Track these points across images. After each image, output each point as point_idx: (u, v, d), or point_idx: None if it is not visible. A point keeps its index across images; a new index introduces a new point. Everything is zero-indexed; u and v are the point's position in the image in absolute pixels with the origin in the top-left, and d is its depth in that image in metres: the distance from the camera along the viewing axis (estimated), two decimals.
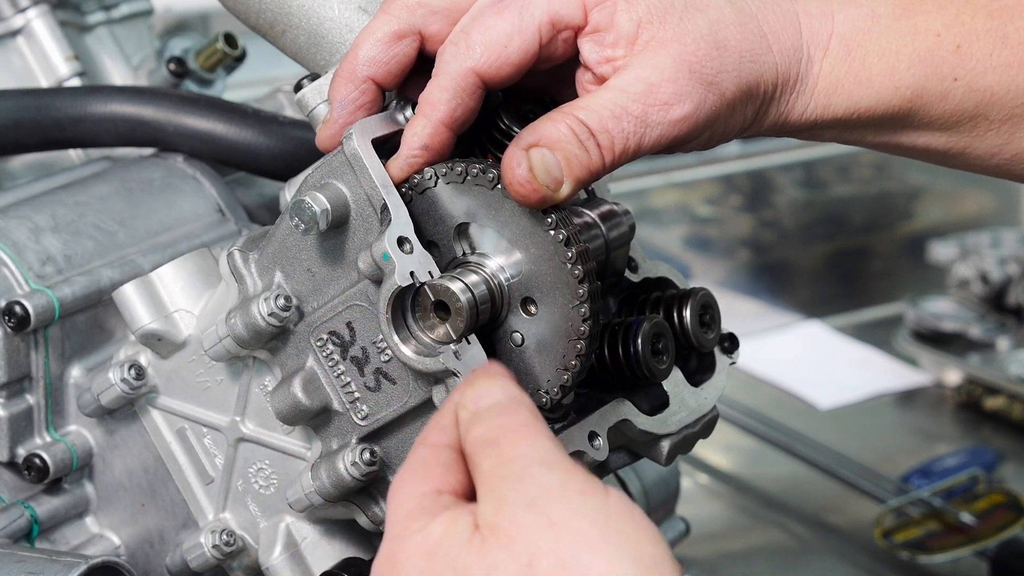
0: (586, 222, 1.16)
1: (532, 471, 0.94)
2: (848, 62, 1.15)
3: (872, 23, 1.15)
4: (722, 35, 1.11)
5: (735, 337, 1.25)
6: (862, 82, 1.15)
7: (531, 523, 0.92)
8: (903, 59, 1.15)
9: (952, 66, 1.16)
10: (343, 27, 1.20)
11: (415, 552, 0.95)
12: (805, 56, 1.14)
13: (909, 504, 2.25)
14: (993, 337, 2.76)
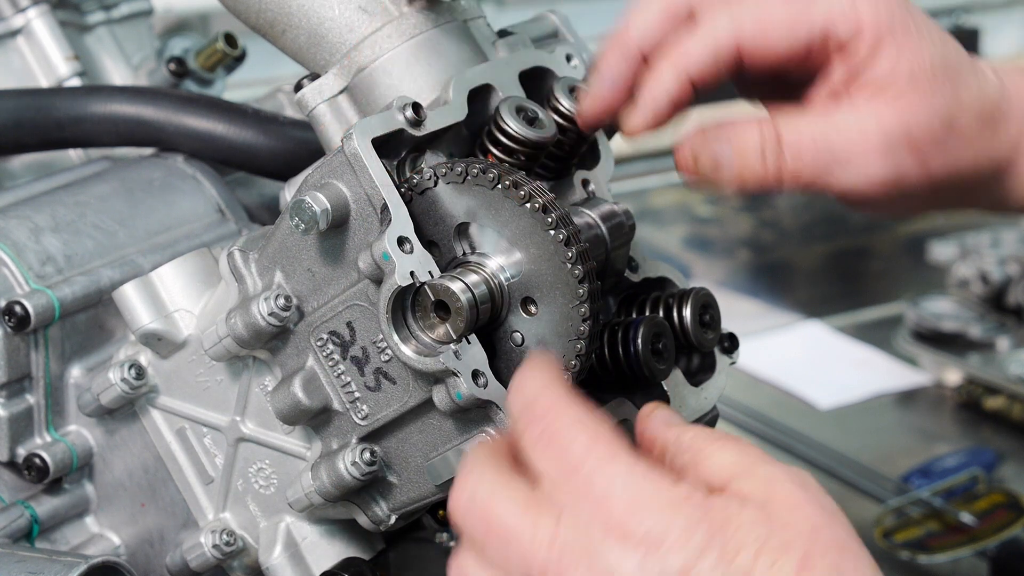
0: (586, 222, 1.16)
1: (784, 464, 0.97)
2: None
3: None
4: (956, 116, 1.11)
5: (735, 337, 1.25)
6: None
7: (809, 499, 0.93)
8: None
9: None
10: (343, 27, 1.20)
11: (682, 503, 0.92)
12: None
13: (909, 504, 2.25)
14: (993, 337, 2.76)
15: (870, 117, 1.09)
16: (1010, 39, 3.90)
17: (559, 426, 0.96)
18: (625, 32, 1.11)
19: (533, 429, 0.97)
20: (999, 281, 2.81)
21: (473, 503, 0.96)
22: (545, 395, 0.98)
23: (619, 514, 0.92)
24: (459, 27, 1.21)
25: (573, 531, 0.93)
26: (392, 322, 1.11)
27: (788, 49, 1.09)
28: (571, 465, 0.95)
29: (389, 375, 1.15)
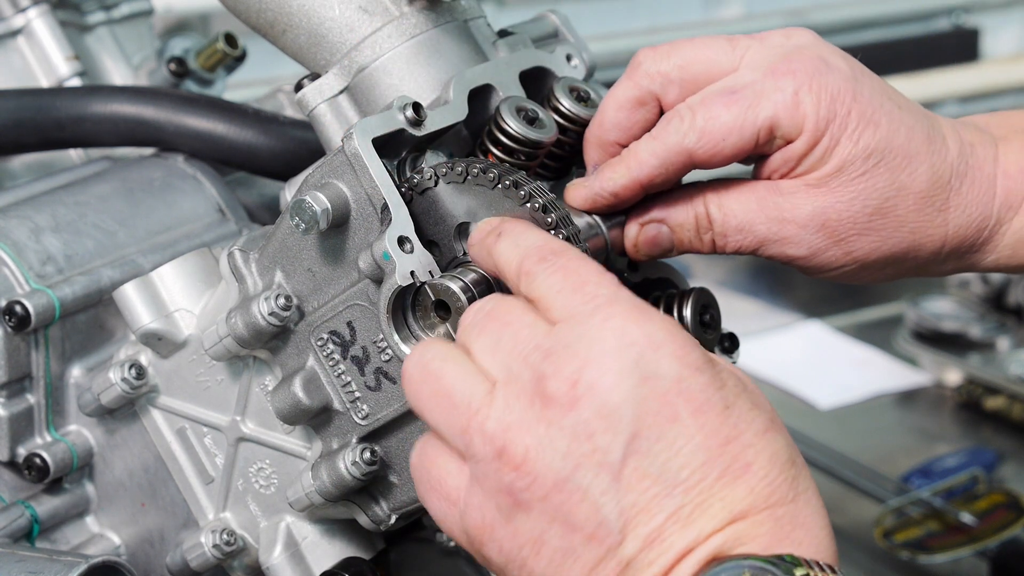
0: (587, 222, 1.17)
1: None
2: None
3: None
4: (891, 201, 1.16)
5: (735, 337, 1.25)
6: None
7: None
8: None
9: None
10: (343, 27, 1.20)
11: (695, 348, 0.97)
12: (993, 221, 1.20)
13: (909, 504, 2.25)
14: (993, 337, 2.76)
15: (789, 202, 1.16)
16: (1010, 39, 3.90)
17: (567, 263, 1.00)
18: (599, 126, 1.19)
19: (546, 267, 1.00)
20: (999, 281, 2.82)
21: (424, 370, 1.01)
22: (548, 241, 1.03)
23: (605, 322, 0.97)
24: (459, 27, 1.22)
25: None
26: (392, 322, 1.11)
27: (736, 150, 1.16)
28: (589, 292, 0.99)
29: (389, 375, 1.15)
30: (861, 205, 1.16)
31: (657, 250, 1.19)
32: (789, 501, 0.97)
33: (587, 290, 0.97)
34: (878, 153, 1.15)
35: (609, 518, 0.93)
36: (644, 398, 0.94)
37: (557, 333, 0.96)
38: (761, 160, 1.18)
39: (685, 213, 1.18)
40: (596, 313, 0.96)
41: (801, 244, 1.17)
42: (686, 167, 1.17)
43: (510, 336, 0.97)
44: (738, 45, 1.17)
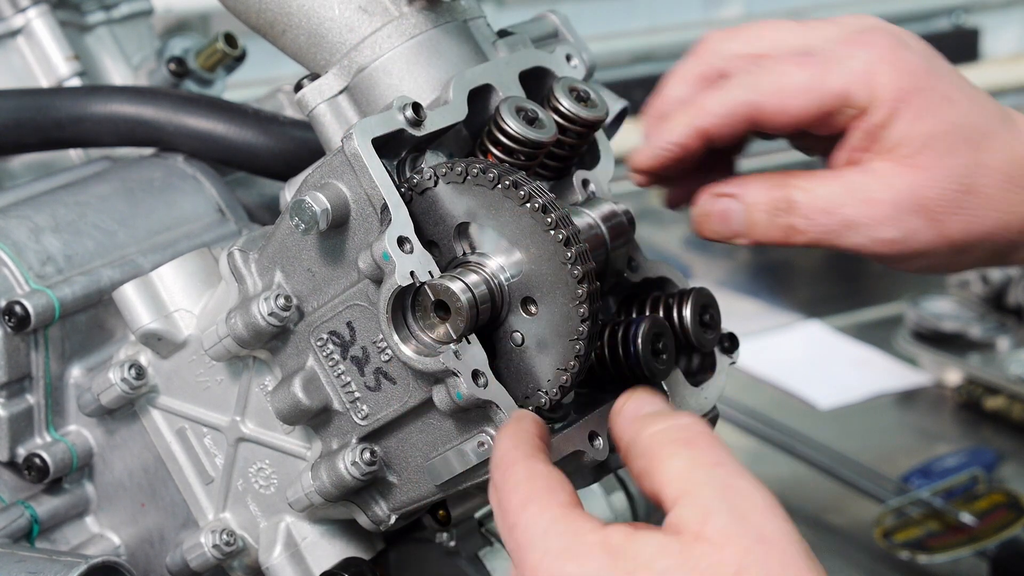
0: (586, 222, 1.16)
1: (739, 483, 0.94)
2: None
3: None
4: (977, 179, 1.12)
5: (735, 337, 1.25)
6: None
7: (742, 536, 0.91)
8: None
9: None
10: (343, 27, 1.20)
11: (594, 550, 0.93)
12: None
13: (909, 504, 2.25)
14: (993, 337, 2.76)
15: (881, 182, 1.11)
16: (1010, 39, 3.90)
17: (507, 484, 0.99)
18: (661, 98, 1.15)
19: (492, 484, 1.00)
20: (999, 281, 2.82)
21: None
22: (508, 450, 1.01)
23: (529, 570, 0.94)
24: (459, 27, 1.21)
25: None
26: (392, 322, 1.11)
27: (804, 112, 1.11)
28: (508, 523, 0.97)
29: (389, 375, 1.15)
30: (953, 183, 1.11)
31: (726, 228, 1.13)
32: None
33: None
34: (961, 128, 1.11)
35: None
36: None
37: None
38: (835, 142, 1.13)
39: (763, 192, 1.13)
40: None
41: (896, 225, 1.11)
42: (751, 122, 1.12)
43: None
44: (809, 25, 1.13)
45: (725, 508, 0.92)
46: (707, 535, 0.91)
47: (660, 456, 0.96)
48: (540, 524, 0.95)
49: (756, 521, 0.92)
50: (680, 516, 0.93)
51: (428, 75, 1.19)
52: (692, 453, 0.96)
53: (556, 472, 0.99)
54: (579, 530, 0.94)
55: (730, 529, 0.91)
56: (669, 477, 0.95)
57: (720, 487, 0.94)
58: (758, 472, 0.97)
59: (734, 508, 0.92)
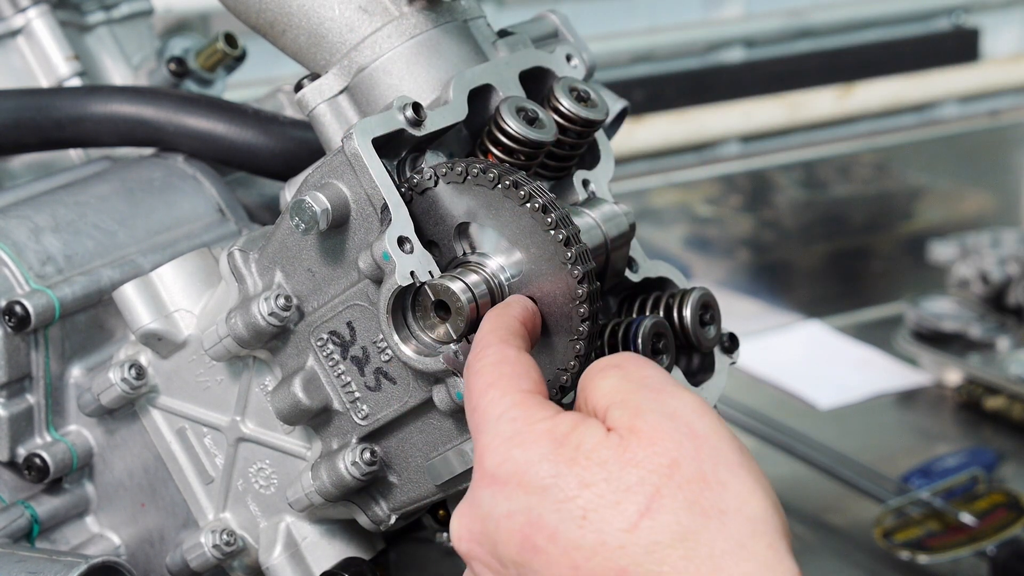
0: (586, 222, 1.16)
1: (668, 387, 0.98)
2: None
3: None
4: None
5: (735, 337, 1.25)
6: None
7: (673, 431, 0.95)
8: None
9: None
10: (343, 27, 1.20)
11: (541, 437, 0.96)
12: None
13: (909, 504, 2.25)
14: (993, 337, 2.76)
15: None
16: (1010, 39, 3.90)
17: (475, 366, 1.02)
18: None
19: (466, 364, 1.04)
20: (999, 281, 2.81)
21: None
22: (485, 333, 1.05)
23: (480, 451, 0.98)
24: (459, 27, 1.21)
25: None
26: (392, 322, 1.11)
27: None
28: (471, 405, 1.02)
29: (389, 375, 1.15)
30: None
31: None
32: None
33: None
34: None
35: None
36: (504, 540, 0.96)
37: None
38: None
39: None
40: None
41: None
42: None
43: None
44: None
45: (655, 408, 0.96)
46: (639, 430, 0.95)
47: (592, 380, 1.01)
48: (497, 408, 0.99)
49: (687, 419, 0.96)
50: (612, 418, 0.97)
51: (428, 75, 1.19)
52: (621, 372, 1.00)
53: (526, 358, 1.03)
54: (531, 417, 0.98)
55: (662, 425, 0.95)
56: (601, 393, 0.99)
57: (649, 392, 0.98)
58: None
59: (664, 408, 0.96)
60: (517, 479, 0.96)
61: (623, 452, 0.94)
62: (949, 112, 3.76)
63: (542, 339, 1.10)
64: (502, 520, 0.96)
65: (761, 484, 0.95)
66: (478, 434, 1.00)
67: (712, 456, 0.94)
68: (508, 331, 1.05)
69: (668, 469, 0.93)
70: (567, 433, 0.96)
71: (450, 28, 1.21)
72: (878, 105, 3.59)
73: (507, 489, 0.96)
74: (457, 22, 1.21)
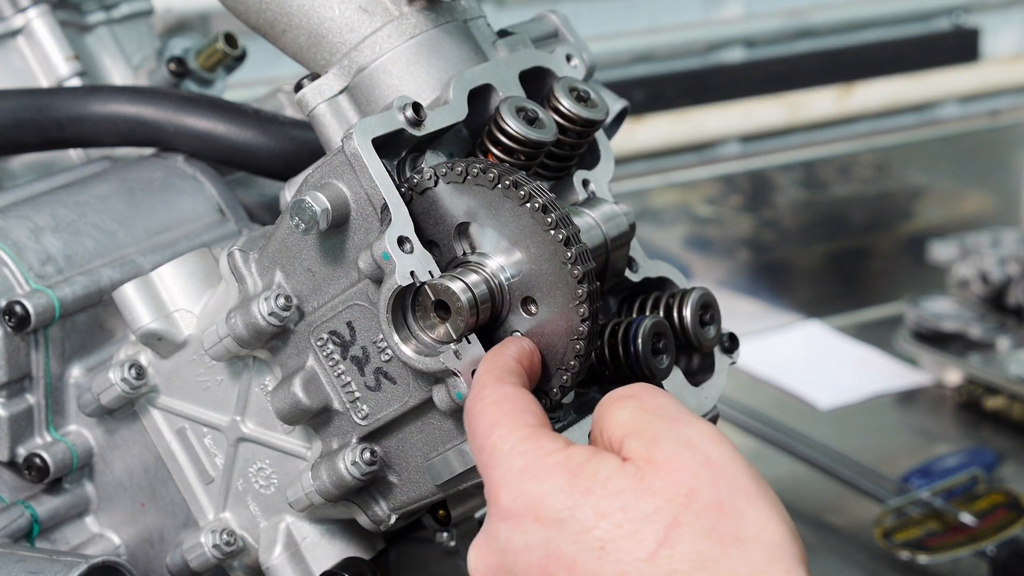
0: (586, 222, 1.16)
1: (684, 417, 0.98)
2: None
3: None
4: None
5: (735, 337, 1.25)
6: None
7: (690, 460, 0.95)
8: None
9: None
10: (343, 27, 1.20)
11: (555, 469, 0.96)
12: None
13: (909, 504, 2.25)
14: (993, 337, 2.76)
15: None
16: (1010, 39, 3.90)
17: (477, 407, 1.03)
18: None
19: (465, 408, 1.05)
20: (999, 281, 2.82)
21: None
22: (481, 375, 1.05)
23: (493, 487, 0.98)
24: (459, 27, 1.21)
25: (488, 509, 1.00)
26: (392, 322, 1.11)
27: None
28: (478, 446, 1.01)
29: (389, 375, 1.15)
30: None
31: None
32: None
33: None
34: None
35: None
36: (523, 574, 0.96)
37: None
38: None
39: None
40: None
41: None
42: None
43: None
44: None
45: (672, 438, 0.96)
46: (656, 459, 0.95)
47: (609, 410, 1.01)
48: (506, 444, 0.99)
49: (703, 448, 0.96)
50: (628, 449, 0.97)
51: (428, 75, 1.19)
52: (637, 402, 1.00)
53: (525, 394, 1.03)
54: (542, 449, 0.98)
55: (678, 455, 0.95)
56: (617, 424, 0.99)
57: (665, 422, 0.98)
58: None
59: (680, 437, 0.96)
60: (533, 513, 0.96)
61: (639, 481, 0.94)
62: (949, 112, 3.76)
63: (542, 340, 1.10)
64: (520, 553, 0.96)
65: (778, 511, 0.95)
66: (489, 470, 0.99)
67: (729, 485, 0.94)
68: (504, 370, 1.05)
69: (685, 499, 0.93)
70: (582, 464, 0.96)
71: (450, 28, 1.21)
72: (878, 105, 3.59)
73: (524, 523, 0.96)
74: (457, 22, 1.21)
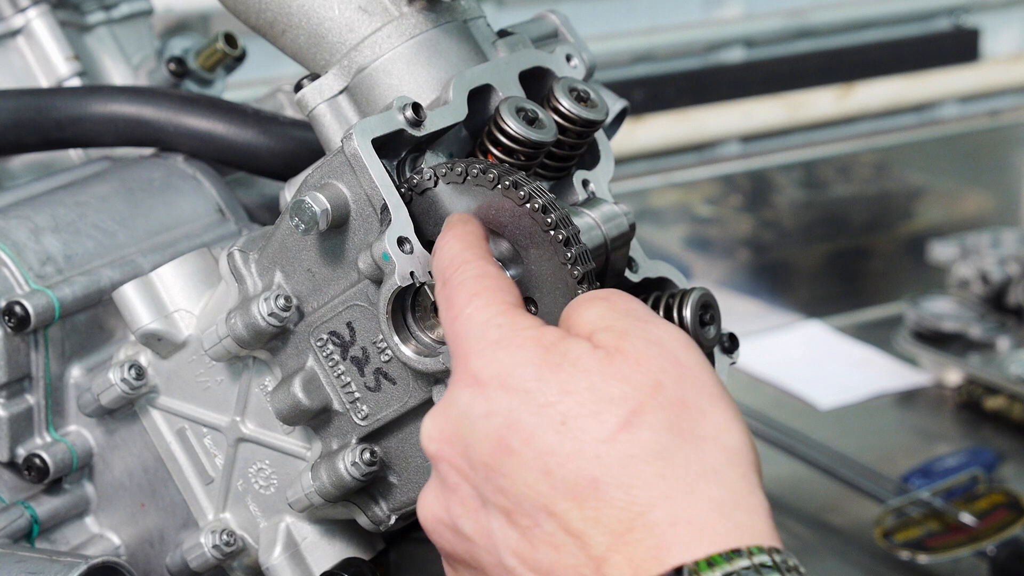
0: (587, 223, 1.16)
1: (655, 319, 0.98)
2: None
3: None
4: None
5: (735, 337, 1.24)
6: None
7: (657, 356, 0.95)
8: None
9: None
10: (343, 27, 1.20)
11: (527, 342, 0.96)
12: None
13: (909, 504, 2.25)
14: (993, 337, 2.76)
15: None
16: (1010, 39, 3.90)
17: (456, 278, 1.02)
18: None
19: (440, 280, 1.03)
20: (999, 281, 2.81)
21: None
22: (460, 251, 1.04)
23: (463, 355, 0.98)
24: (459, 27, 1.21)
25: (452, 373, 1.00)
26: (392, 322, 1.11)
27: None
28: (452, 315, 1.01)
29: (389, 375, 1.15)
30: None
31: None
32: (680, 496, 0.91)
33: None
34: None
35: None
36: (478, 441, 0.95)
37: None
38: None
39: None
40: None
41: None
42: None
43: None
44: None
45: (642, 335, 0.96)
46: (626, 350, 0.95)
47: (577, 309, 1.01)
48: (482, 316, 0.99)
49: (672, 348, 0.96)
50: (599, 339, 0.96)
51: (428, 75, 1.19)
52: (607, 303, 1.00)
53: (505, 275, 1.03)
54: (517, 325, 0.98)
55: (648, 350, 0.95)
56: (586, 320, 0.99)
57: (636, 321, 0.98)
58: None
59: (650, 336, 0.96)
60: (500, 380, 0.95)
61: (608, 365, 0.94)
62: (949, 112, 3.76)
63: None
64: (479, 420, 0.96)
65: (739, 419, 0.95)
66: (460, 339, 0.99)
67: (694, 384, 0.94)
68: (483, 248, 1.05)
69: (651, 389, 0.93)
70: (554, 342, 0.96)
71: (450, 28, 1.21)
72: (878, 105, 3.59)
73: (488, 390, 0.96)
74: (457, 22, 1.21)
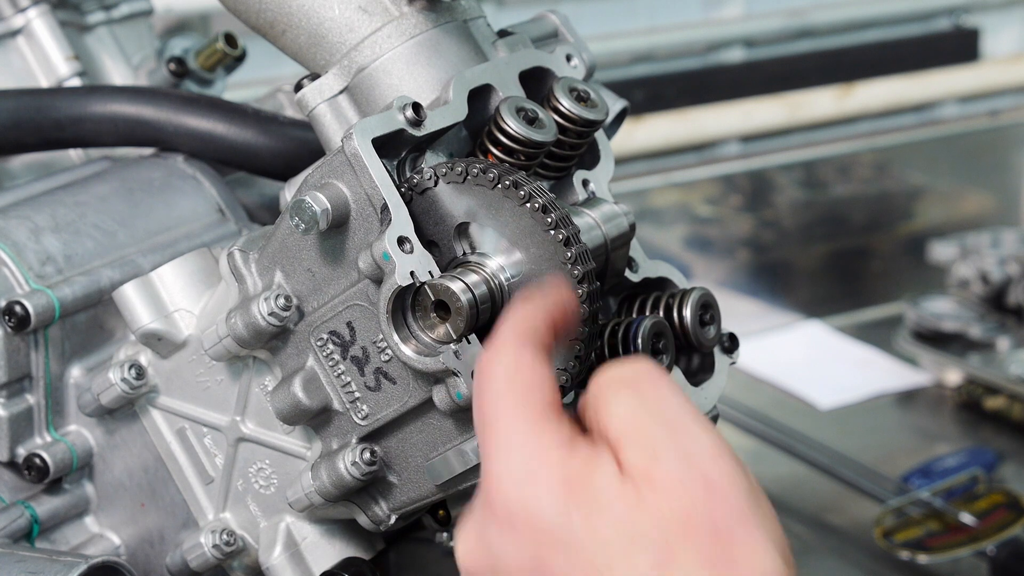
0: (587, 222, 1.16)
1: (685, 422, 0.95)
2: None
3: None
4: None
5: (735, 337, 1.25)
6: None
7: (688, 480, 0.92)
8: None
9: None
10: (343, 27, 1.20)
11: (553, 477, 0.93)
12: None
13: (909, 504, 2.24)
14: (993, 337, 2.76)
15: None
16: (1010, 39, 3.90)
17: (488, 368, 0.98)
18: None
19: (476, 391, 0.99)
20: (999, 281, 2.81)
21: None
22: (502, 331, 0.99)
23: (490, 482, 0.95)
24: (459, 27, 1.21)
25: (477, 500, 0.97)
26: (392, 322, 1.11)
27: None
28: (480, 415, 0.97)
29: (389, 375, 1.15)
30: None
31: None
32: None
33: None
34: None
35: None
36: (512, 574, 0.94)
37: None
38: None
39: None
40: None
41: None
42: None
43: None
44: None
45: (672, 450, 0.93)
46: (656, 479, 0.92)
47: (606, 398, 0.97)
48: (507, 430, 0.95)
49: (703, 464, 0.93)
50: (628, 459, 0.94)
51: (428, 75, 1.19)
52: (636, 396, 0.96)
53: (542, 367, 0.98)
54: (544, 444, 0.94)
55: (678, 474, 0.92)
56: (616, 421, 0.96)
57: (666, 429, 0.95)
58: (758, 472, 0.97)
59: (680, 450, 0.93)
60: (527, 523, 0.93)
61: (637, 504, 0.92)
62: (949, 112, 3.76)
63: None
64: (512, 562, 0.94)
65: (772, 537, 0.93)
66: (486, 455, 0.96)
67: (724, 507, 0.92)
68: (528, 332, 0.99)
69: (681, 525, 0.91)
70: (580, 470, 0.93)
71: (450, 28, 1.21)
72: (878, 105, 3.59)
73: (515, 533, 0.94)
74: (457, 22, 1.21)
